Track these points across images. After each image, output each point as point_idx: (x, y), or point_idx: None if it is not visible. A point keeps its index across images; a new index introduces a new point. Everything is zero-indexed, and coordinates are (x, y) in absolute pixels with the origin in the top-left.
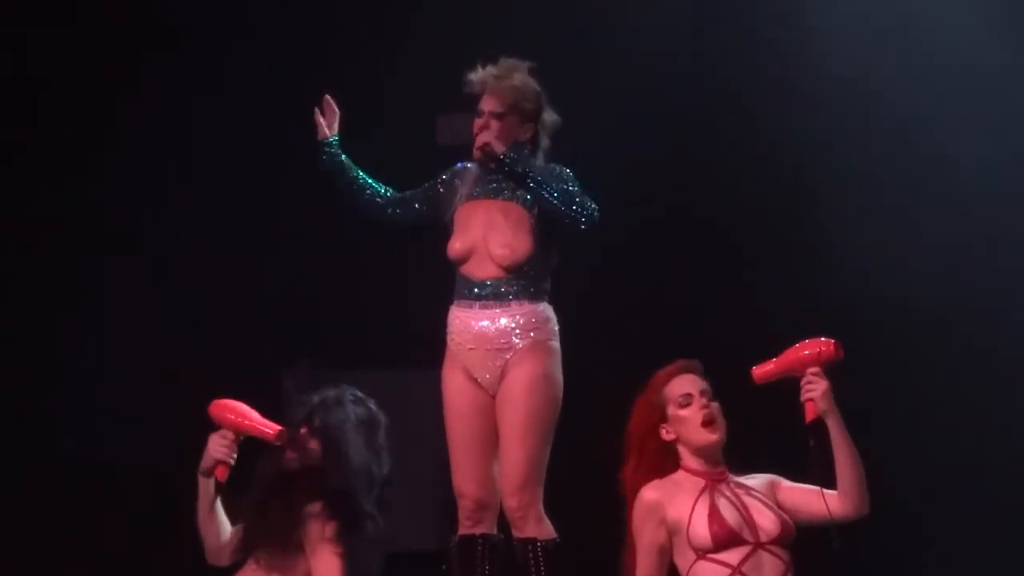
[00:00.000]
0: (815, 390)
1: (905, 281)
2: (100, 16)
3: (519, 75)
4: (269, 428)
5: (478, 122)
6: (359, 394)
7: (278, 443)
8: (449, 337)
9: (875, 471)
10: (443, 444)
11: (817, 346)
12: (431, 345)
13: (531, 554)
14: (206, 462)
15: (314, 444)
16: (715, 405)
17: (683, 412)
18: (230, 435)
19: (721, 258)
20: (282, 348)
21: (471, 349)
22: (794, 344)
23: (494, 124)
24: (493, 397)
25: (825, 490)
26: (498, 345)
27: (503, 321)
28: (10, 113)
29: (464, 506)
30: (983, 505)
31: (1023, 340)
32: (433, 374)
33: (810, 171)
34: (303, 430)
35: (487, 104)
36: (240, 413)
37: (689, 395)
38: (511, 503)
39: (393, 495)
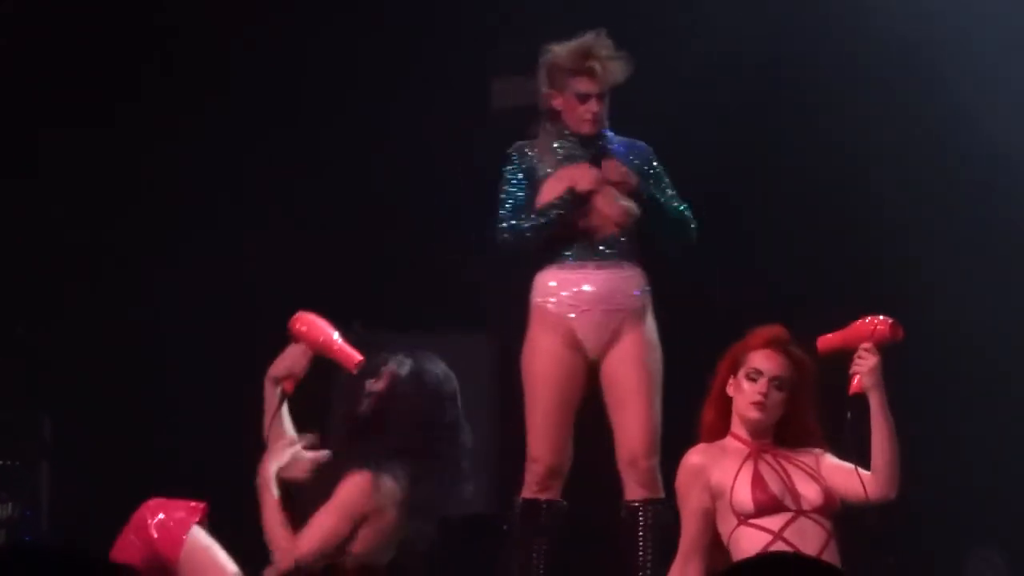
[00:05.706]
0: (863, 365)
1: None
2: None
3: (614, 51)
4: (351, 356)
5: (584, 108)
6: (426, 366)
7: (355, 372)
8: (545, 302)
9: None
10: (491, 410)
11: (873, 324)
12: (481, 310)
13: (649, 514)
14: (279, 370)
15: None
16: (777, 396)
17: (745, 384)
18: (309, 352)
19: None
20: (335, 312)
21: (585, 311)
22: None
23: (598, 107)
24: (591, 362)
25: (861, 470)
26: (614, 306)
27: (617, 282)
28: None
29: (536, 471)
30: None
31: None
32: (479, 339)
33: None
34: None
35: (595, 85)
36: (327, 333)
37: (760, 372)
38: (645, 464)
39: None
